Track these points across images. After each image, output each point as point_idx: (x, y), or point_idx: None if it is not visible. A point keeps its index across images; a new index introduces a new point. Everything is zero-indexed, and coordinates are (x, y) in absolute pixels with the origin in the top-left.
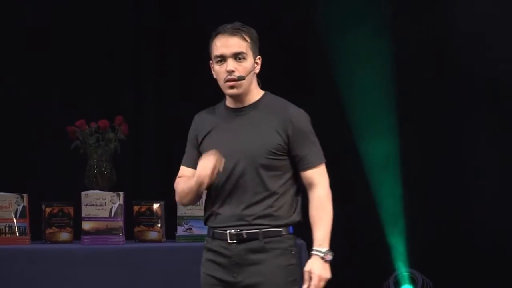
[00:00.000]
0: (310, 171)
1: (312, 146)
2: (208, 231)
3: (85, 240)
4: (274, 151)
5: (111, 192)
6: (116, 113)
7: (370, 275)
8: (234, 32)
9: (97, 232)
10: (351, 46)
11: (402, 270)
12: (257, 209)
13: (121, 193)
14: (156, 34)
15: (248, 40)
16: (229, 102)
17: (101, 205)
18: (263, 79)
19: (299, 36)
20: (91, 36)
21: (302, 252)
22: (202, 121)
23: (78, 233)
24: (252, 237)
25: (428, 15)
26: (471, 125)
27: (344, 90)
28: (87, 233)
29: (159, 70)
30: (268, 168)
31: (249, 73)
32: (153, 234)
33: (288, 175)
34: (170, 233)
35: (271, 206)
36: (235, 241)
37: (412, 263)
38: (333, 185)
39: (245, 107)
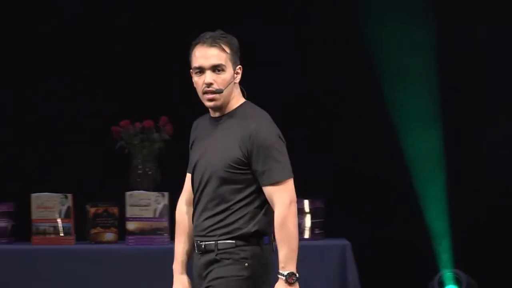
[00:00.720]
0: (269, 187)
1: (273, 162)
2: None
3: (130, 241)
4: (233, 165)
5: (156, 193)
6: (160, 114)
7: (415, 276)
8: (213, 43)
9: (141, 232)
10: (391, 35)
11: (447, 270)
12: (214, 221)
13: (166, 193)
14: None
15: (228, 51)
16: (211, 112)
17: (146, 205)
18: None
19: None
20: (137, 36)
21: (347, 252)
22: (195, 127)
23: (122, 234)
24: (209, 249)
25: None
26: None
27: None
28: (132, 233)
29: None
30: (227, 181)
31: (228, 85)
32: None
33: (252, 188)
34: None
35: (227, 218)
36: (199, 253)
37: (457, 263)
38: (375, 183)
39: (221, 116)
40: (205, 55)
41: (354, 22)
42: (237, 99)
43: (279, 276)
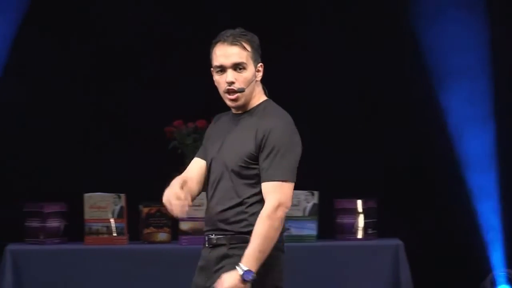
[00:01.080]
0: (265, 184)
1: (277, 162)
2: None
3: (183, 241)
4: (247, 160)
5: None
6: (213, 113)
7: (467, 275)
8: (234, 42)
9: (195, 232)
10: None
11: (499, 270)
12: (227, 215)
13: None
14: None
15: (249, 49)
16: (233, 109)
17: (199, 205)
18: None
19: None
20: (189, 36)
21: (399, 252)
22: (215, 122)
23: (175, 234)
24: (220, 243)
25: None
26: None
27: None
28: (185, 233)
29: None
30: (241, 176)
31: (250, 83)
32: None
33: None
34: None
35: (240, 213)
36: (209, 246)
37: (510, 263)
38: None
39: (242, 113)
40: (226, 53)
41: (406, 20)
42: (258, 97)
43: (237, 267)
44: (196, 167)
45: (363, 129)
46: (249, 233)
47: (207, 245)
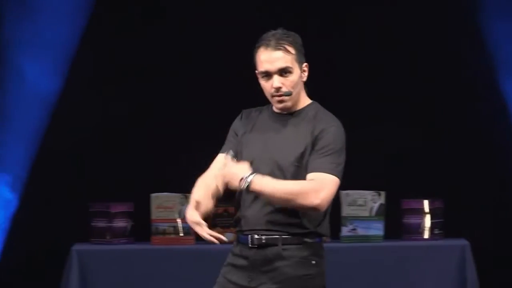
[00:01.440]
0: (312, 173)
1: (330, 157)
2: (236, 236)
3: None
4: (299, 159)
5: None
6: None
7: None
8: (277, 46)
9: None
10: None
11: None
12: (280, 215)
13: None
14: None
15: (293, 51)
16: (275, 107)
17: None
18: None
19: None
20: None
21: (466, 252)
22: (246, 117)
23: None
24: (271, 243)
25: None
26: None
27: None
28: None
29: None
30: (294, 176)
31: (297, 86)
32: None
33: None
34: (334, 233)
35: (294, 214)
36: (255, 246)
37: None
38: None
39: (288, 114)
40: (270, 59)
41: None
42: (304, 97)
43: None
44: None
45: (428, 129)
46: (302, 234)
47: (250, 245)
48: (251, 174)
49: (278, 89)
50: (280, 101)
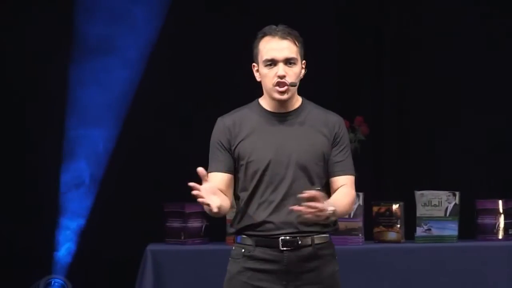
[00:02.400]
0: (344, 177)
1: (349, 155)
2: (238, 238)
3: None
4: (321, 158)
5: None
6: (356, 114)
7: None
8: (284, 36)
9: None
10: None
11: None
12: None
13: (361, 194)
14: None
15: (298, 44)
16: (268, 106)
17: None
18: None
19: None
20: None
21: None
22: (233, 123)
23: None
24: (305, 244)
25: None
26: None
27: None
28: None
29: (400, 69)
30: (318, 175)
31: (298, 79)
32: (392, 235)
33: (325, 181)
34: (409, 233)
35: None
36: (288, 248)
37: None
38: None
39: (288, 112)
40: (277, 47)
41: None
42: (297, 95)
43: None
44: (221, 183)
45: (501, 129)
46: (328, 232)
47: (282, 247)
48: (331, 207)
49: (282, 77)
50: (282, 92)
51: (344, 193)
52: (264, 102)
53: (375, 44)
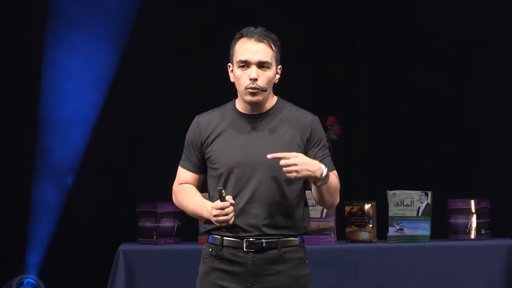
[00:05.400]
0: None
1: (326, 153)
2: (210, 238)
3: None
4: None
5: None
6: (328, 113)
7: None
8: (260, 39)
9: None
10: None
11: None
12: (276, 219)
13: None
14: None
15: (274, 48)
16: (241, 107)
17: (312, 205)
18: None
19: None
20: (302, 36)
21: None
22: (207, 124)
23: None
24: (270, 247)
25: None
26: None
27: None
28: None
29: (372, 69)
30: (287, 177)
31: (271, 83)
32: (364, 235)
33: (301, 184)
34: (381, 233)
35: (288, 216)
36: (252, 250)
37: None
38: None
39: (259, 114)
40: (252, 49)
41: None
42: (272, 96)
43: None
44: (190, 179)
45: (476, 129)
46: (298, 235)
47: (246, 249)
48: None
49: (254, 80)
50: (253, 94)
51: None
52: (238, 103)
53: (348, 43)
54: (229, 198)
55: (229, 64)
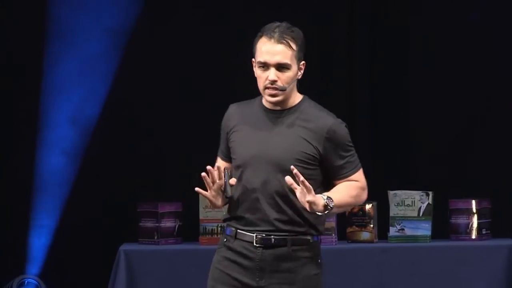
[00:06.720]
0: (352, 176)
1: (349, 157)
2: (227, 230)
3: None
4: (303, 159)
5: None
6: None
7: None
8: (280, 40)
9: None
10: None
11: None
12: (286, 216)
13: None
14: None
15: (294, 48)
16: (266, 102)
17: None
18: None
19: None
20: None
21: None
22: (234, 114)
23: None
24: (280, 243)
25: None
26: None
27: None
28: None
29: (374, 69)
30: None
31: (292, 82)
32: (365, 235)
33: (317, 184)
34: (382, 233)
35: (299, 213)
36: (261, 246)
37: None
38: None
39: (281, 110)
40: (271, 51)
41: None
42: (296, 93)
43: (322, 196)
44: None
45: (476, 129)
46: (310, 234)
47: (255, 244)
48: (328, 198)
49: (273, 82)
50: (272, 95)
51: (346, 184)
52: (264, 98)
53: (348, 43)
54: (232, 180)
55: (253, 59)
